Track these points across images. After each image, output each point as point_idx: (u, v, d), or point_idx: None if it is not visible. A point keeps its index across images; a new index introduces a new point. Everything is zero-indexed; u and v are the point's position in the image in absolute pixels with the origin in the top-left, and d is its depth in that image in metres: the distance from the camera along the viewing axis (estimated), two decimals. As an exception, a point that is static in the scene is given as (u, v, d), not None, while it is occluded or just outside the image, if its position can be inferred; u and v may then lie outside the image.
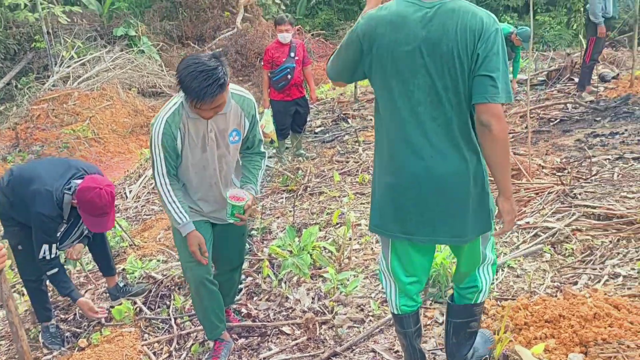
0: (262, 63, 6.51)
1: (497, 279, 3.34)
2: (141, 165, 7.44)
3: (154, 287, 3.85)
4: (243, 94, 2.78)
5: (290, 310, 3.39)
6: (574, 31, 16.89)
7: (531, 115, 7.03)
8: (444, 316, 2.73)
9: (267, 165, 6.30)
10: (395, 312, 2.41)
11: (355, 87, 9.39)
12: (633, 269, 3.19)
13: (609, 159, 5.14)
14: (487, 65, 1.94)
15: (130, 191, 6.46)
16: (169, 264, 4.22)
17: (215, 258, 3.00)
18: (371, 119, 8.01)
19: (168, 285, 3.85)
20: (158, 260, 4.32)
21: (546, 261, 3.51)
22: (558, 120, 6.93)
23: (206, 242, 2.78)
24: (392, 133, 2.13)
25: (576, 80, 8.30)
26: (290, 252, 3.79)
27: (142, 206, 6.02)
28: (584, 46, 8.08)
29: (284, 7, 15.77)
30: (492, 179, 2.11)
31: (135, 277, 4.04)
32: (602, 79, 8.38)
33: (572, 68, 8.72)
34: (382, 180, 2.21)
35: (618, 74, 8.59)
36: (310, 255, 3.78)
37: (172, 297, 3.66)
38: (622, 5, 12.49)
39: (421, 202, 2.12)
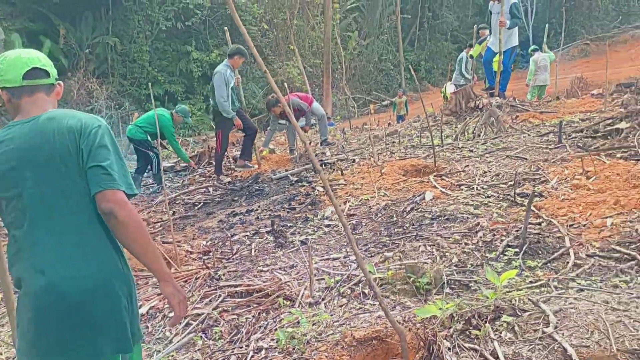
0: None
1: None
2: None
3: None
4: None
5: None
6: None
7: (177, 202, 7.26)
8: None
9: None
10: None
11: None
12: (272, 339, 3.45)
13: (247, 235, 5.59)
14: (95, 157, 1.94)
15: None
16: None
17: None
18: None
19: None
20: None
21: (198, 350, 3.53)
22: (202, 203, 7.31)
23: None
24: (12, 251, 1.98)
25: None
26: None
27: None
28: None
29: None
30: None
31: None
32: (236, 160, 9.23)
33: (209, 152, 9.39)
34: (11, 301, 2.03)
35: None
36: None
37: None
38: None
39: (44, 321, 1.93)
